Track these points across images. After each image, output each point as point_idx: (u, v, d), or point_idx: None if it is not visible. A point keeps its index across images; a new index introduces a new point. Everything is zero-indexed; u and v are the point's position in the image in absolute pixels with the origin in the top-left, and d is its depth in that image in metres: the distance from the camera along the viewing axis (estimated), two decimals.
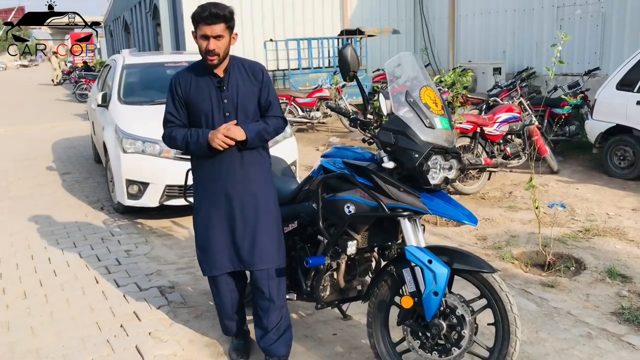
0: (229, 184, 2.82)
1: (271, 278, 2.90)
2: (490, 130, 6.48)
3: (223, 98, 2.78)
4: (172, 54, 10.28)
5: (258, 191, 2.86)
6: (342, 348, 3.23)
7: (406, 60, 2.83)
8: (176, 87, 2.83)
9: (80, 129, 12.23)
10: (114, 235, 5.32)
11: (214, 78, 2.79)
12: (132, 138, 5.55)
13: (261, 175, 2.89)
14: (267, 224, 2.87)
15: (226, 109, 2.78)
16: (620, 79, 6.95)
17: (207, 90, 2.79)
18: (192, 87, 2.81)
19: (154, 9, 18.69)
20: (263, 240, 2.84)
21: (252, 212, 2.84)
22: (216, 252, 2.89)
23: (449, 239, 5.00)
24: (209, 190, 2.87)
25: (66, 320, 3.65)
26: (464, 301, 2.58)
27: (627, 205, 5.85)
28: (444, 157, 2.61)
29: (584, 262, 4.39)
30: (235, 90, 2.79)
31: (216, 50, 2.66)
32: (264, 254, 2.85)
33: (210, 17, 2.60)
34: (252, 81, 2.83)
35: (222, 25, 2.64)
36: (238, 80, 2.80)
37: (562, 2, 11.46)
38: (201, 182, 2.92)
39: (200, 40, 2.67)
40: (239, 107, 2.80)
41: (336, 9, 15.31)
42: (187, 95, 2.81)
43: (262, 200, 2.86)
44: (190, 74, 2.84)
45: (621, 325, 3.43)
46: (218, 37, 2.64)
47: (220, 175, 2.83)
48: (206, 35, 2.64)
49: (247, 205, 2.83)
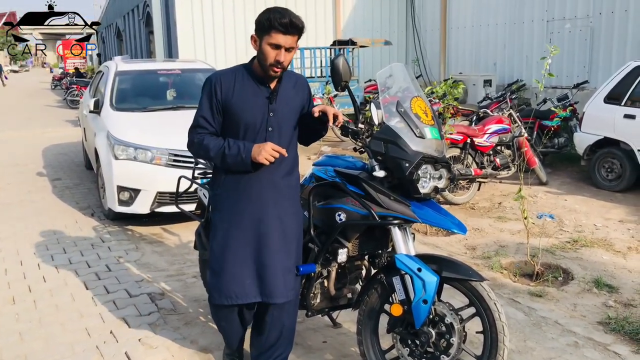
0: (258, 206, 2.56)
1: (290, 310, 2.70)
2: (480, 141, 6.55)
3: (270, 111, 2.53)
4: (165, 61, 10.30)
5: (287, 215, 2.62)
6: (332, 356, 3.24)
7: (397, 71, 2.89)
8: (216, 88, 2.51)
9: (71, 135, 12.19)
10: (104, 242, 5.31)
11: (264, 87, 2.53)
12: (124, 144, 5.55)
13: (292, 198, 2.68)
14: (292, 253, 2.65)
15: (270, 122, 2.53)
16: (608, 93, 7.05)
17: (254, 99, 2.51)
18: (235, 91, 2.51)
19: (147, 17, 18.71)
20: (284, 271, 2.60)
21: (280, 239, 2.59)
22: (231, 279, 2.59)
23: (438, 248, 5.04)
24: (233, 208, 2.59)
25: (55, 326, 3.64)
26: (453, 309, 2.61)
27: (614, 217, 5.93)
28: (434, 167, 2.65)
29: (572, 272, 4.44)
30: (284, 104, 2.56)
31: (285, 64, 2.43)
32: (286, 285, 2.60)
33: (290, 26, 2.37)
34: (298, 96, 2.64)
35: (296, 37, 2.42)
36: (288, 94, 2.59)
37: (551, 16, 11.62)
38: (225, 198, 2.63)
39: (267, 47, 2.40)
40: (284, 123, 2.57)
41: (329, 20, 15.42)
42: (229, 101, 2.51)
43: (291, 226, 2.64)
44: (235, 77, 2.54)
45: (607, 334, 3.47)
46: (290, 49, 2.42)
47: (250, 193, 2.56)
48: (278, 45, 2.39)
49: (274, 230, 2.58)
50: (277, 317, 2.70)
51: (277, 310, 2.68)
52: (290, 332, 2.82)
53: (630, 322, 3.56)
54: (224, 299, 2.63)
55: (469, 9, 13.83)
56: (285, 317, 2.72)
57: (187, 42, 14.00)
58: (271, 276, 2.58)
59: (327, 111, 2.49)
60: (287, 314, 2.72)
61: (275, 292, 2.59)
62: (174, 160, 5.42)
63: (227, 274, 2.60)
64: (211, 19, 14.00)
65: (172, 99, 6.87)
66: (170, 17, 14.72)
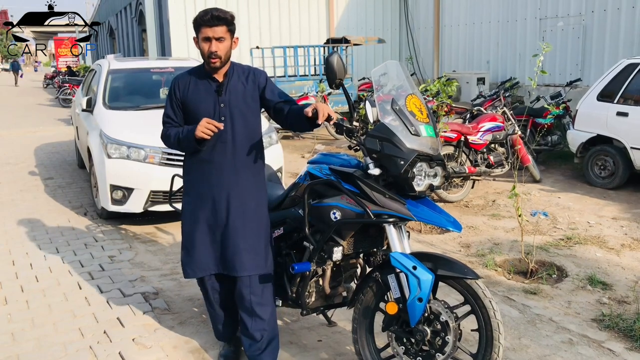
0: (217, 187, 2.82)
1: (253, 285, 2.87)
2: (474, 139, 6.56)
3: (220, 102, 2.79)
4: (158, 59, 10.24)
5: (247, 197, 2.85)
6: (327, 354, 3.24)
7: (392, 69, 2.87)
8: (175, 89, 2.86)
9: (63, 134, 12.11)
10: (97, 241, 5.27)
11: (212, 82, 2.81)
12: (117, 143, 5.52)
13: (253, 181, 2.88)
14: (253, 231, 2.85)
15: (222, 113, 2.78)
16: (600, 90, 7.08)
17: (204, 93, 2.81)
18: (190, 90, 2.83)
19: (139, 15, 18.62)
20: (246, 247, 2.82)
21: (239, 218, 2.82)
22: (199, 253, 2.89)
23: (433, 246, 5.04)
24: (197, 192, 2.87)
25: (48, 326, 3.61)
26: (448, 307, 2.60)
27: (608, 214, 5.95)
28: (429, 165, 2.64)
29: (566, 269, 4.45)
30: (234, 95, 2.80)
31: (218, 53, 2.68)
32: (246, 260, 2.82)
33: (212, 19, 2.64)
34: (252, 87, 2.85)
35: (223, 28, 2.68)
36: (237, 86, 2.82)
37: (544, 14, 11.66)
38: (191, 183, 2.92)
39: (202, 43, 2.70)
40: (236, 112, 2.80)
41: (322, 18, 15.40)
42: (185, 98, 2.83)
43: (250, 206, 2.85)
44: (190, 77, 2.87)
45: (602, 331, 3.48)
46: (220, 39, 2.68)
47: (210, 177, 2.83)
48: (208, 38, 2.67)
49: (234, 210, 2.82)
50: (245, 292, 2.88)
51: (243, 286, 2.88)
52: (265, 309, 2.92)
53: (624, 319, 3.58)
54: (197, 272, 2.94)
55: (462, 7, 13.85)
56: (255, 292, 2.88)
57: (180, 40, 13.94)
58: (231, 253, 2.83)
59: (319, 109, 2.54)
60: (255, 288, 2.88)
61: (235, 266, 2.83)
62: (167, 159, 5.39)
63: (195, 249, 2.90)
64: None
65: (165, 97, 6.81)
66: (163, 15, 14.67)
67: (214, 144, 2.78)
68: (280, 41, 14.31)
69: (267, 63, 12.37)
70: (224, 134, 2.76)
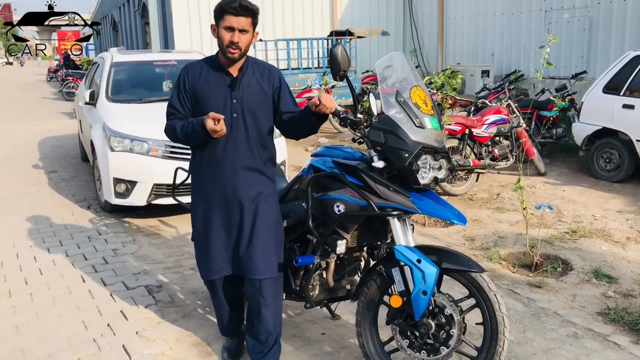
0: (229, 188, 2.72)
1: (263, 288, 2.77)
2: (479, 132, 6.52)
3: (233, 98, 2.67)
4: (161, 52, 10.22)
5: (259, 197, 2.75)
6: (330, 347, 3.23)
7: (396, 61, 2.84)
8: (184, 78, 2.72)
9: (67, 127, 12.12)
10: (100, 234, 5.28)
11: (226, 76, 2.68)
12: (120, 136, 5.51)
13: (265, 181, 2.79)
14: (264, 234, 2.75)
15: (234, 109, 2.67)
16: (606, 83, 7.03)
17: (217, 86, 2.67)
18: (201, 80, 2.69)
19: (142, 8, 18.58)
20: (259, 249, 2.73)
21: (252, 219, 2.73)
22: (214, 255, 2.81)
23: (437, 240, 5.02)
24: (208, 192, 2.77)
25: (52, 319, 3.61)
26: (452, 300, 2.59)
27: (613, 207, 5.92)
28: (434, 157, 2.62)
29: (571, 263, 4.43)
30: (248, 92, 2.69)
31: (239, 44, 2.56)
32: (259, 262, 2.73)
33: (240, 8, 2.52)
34: (266, 85, 2.74)
35: (249, 20, 2.56)
36: (251, 82, 2.70)
37: (549, 6, 11.57)
38: (201, 183, 2.81)
39: (223, 31, 2.56)
40: (248, 110, 2.69)
41: (326, 10, 15.33)
42: (195, 88, 2.69)
43: (262, 207, 2.75)
44: (201, 66, 2.73)
45: (607, 325, 3.46)
46: (243, 31, 2.56)
47: (222, 177, 2.72)
48: (231, 27, 2.54)
49: (246, 211, 2.73)
50: (255, 293, 2.79)
51: (253, 288, 2.79)
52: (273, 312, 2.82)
53: (630, 313, 3.56)
54: (211, 274, 2.86)
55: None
56: (266, 294, 2.78)
57: (183, 33, 13.91)
58: (244, 254, 2.75)
59: (321, 98, 2.52)
60: (266, 290, 2.78)
61: (248, 268, 2.75)
62: (171, 152, 5.38)
63: (210, 251, 2.81)
64: (207, 9, 13.88)
65: (168, 90, 6.81)
66: (166, 8, 14.62)
67: (225, 142, 2.67)
68: (284, 34, 14.25)
69: (271, 56, 12.33)
70: (236, 132, 2.67)
